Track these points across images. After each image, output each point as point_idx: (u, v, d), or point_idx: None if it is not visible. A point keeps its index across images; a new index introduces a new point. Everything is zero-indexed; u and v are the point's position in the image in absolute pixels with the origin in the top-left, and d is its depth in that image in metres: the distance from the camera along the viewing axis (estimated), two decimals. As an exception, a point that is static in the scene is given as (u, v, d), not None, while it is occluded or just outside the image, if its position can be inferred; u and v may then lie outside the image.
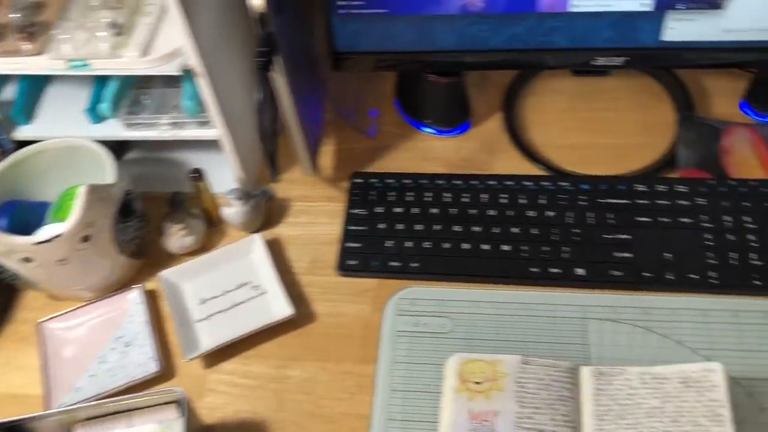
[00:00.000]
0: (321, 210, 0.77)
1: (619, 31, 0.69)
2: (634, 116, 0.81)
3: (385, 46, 0.73)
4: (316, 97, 0.76)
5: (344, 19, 0.71)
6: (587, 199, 0.72)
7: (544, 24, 0.70)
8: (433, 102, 0.81)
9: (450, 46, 0.73)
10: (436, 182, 0.75)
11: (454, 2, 0.69)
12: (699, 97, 0.81)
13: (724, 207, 0.70)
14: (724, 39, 0.69)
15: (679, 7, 0.67)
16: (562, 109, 0.83)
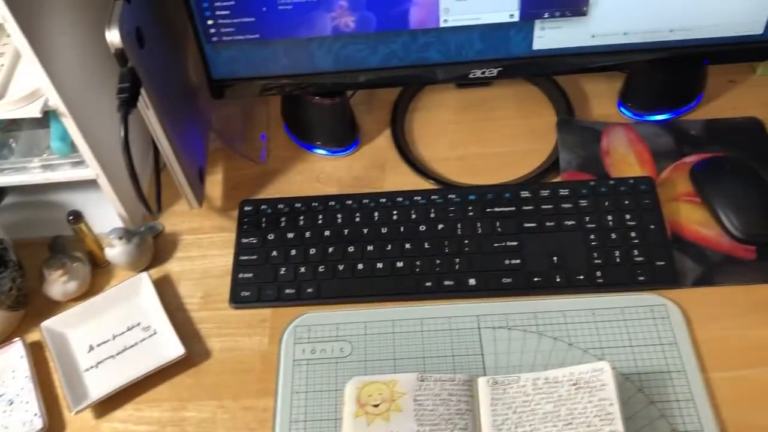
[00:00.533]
0: (212, 242, 0.75)
1: (491, 43, 0.71)
2: (518, 124, 0.82)
3: (262, 71, 0.72)
4: (196, 127, 0.74)
5: (217, 46, 0.70)
6: (476, 210, 0.73)
7: (417, 40, 0.70)
8: (320, 123, 0.80)
9: (328, 67, 0.72)
10: (328, 204, 0.75)
11: (325, 24, 0.68)
12: (579, 101, 0.83)
13: (605, 207, 0.72)
14: (592, 44, 0.71)
15: (545, 16, 0.69)
16: (449, 122, 0.84)
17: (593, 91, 0.84)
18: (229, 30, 0.69)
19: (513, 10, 0.68)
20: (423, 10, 0.68)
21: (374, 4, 0.67)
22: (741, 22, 0.70)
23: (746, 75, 0.84)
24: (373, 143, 0.82)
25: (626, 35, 0.70)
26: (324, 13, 0.68)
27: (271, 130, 0.85)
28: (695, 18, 0.69)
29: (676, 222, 0.72)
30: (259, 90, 0.74)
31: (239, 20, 0.68)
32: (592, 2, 0.67)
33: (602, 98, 0.83)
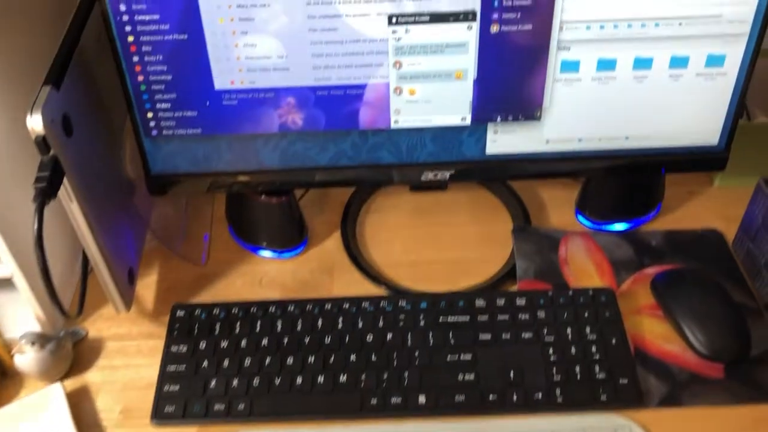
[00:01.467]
0: (139, 349, 0.68)
1: (443, 146, 0.69)
2: (474, 230, 0.79)
3: (204, 167, 0.69)
4: (128, 224, 0.69)
5: (157, 140, 0.67)
6: (427, 319, 0.68)
7: (368, 140, 0.68)
8: (265, 223, 0.76)
9: (275, 165, 0.69)
10: (268, 310, 0.69)
11: (271, 121, 0.66)
12: (536, 208, 0.81)
13: (564, 318, 0.67)
14: (546, 150, 0.70)
15: (498, 120, 0.67)
16: (402, 225, 0.80)
17: (550, 198, 0.82)
18: (170, 124, 0.66)
19: (465, 113, 0.66)
20: (374, 111, 0.66)
21: (323, 103, 0.65)
22: (696, 132, 0.69)
23: (705, 186, 0.83)
24: (322, 245, 0.78)
25: (581, 141, 0.69)
26: (270, 109, 0.65)
27: (215, 230, 0.80)
28: (650, 126, 0.68)
29: (638, 336, 0.68)
30: (200, 187, 0.70)
31: (181, 114, 0.65)
32: (545, 107, 0.66)
33: (559, 206, 0.81)
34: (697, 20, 0.62)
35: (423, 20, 0.61)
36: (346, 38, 0.61)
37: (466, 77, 0.64)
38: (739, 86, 0.66)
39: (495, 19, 0.61)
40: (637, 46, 0.63)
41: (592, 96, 0.66)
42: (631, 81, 0.65)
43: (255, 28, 0.61)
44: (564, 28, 0.62)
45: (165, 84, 0.63)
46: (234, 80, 0.63)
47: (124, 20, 0.60)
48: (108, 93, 0.66)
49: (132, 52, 0.62)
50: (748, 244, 0.73)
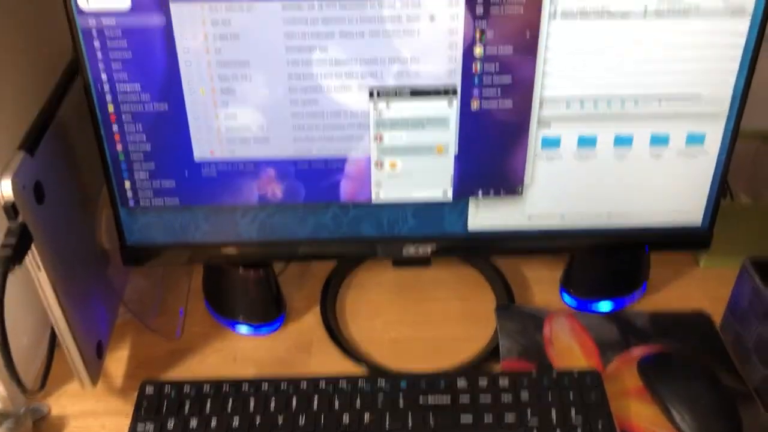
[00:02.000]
0: (103, 428, 0.65)
1: (425, 220, 0.68)
2: (456, 307, 0.77)
3: (182, 238, 0.67)
4: (100, 296, 0.67)
5: (134, 211, 0.66)
6: (407, 399, 0.65)
7: (348, 213, 0.67)
8: (242, 297, 0.74)
9: (253, 237, 0.68)
10: (241, 387, 0.66)
11: (251, 192, 0.65)
12: (519, 286, 0.79)
13: (549, 401, 0.65)
14: (528, 226, 0.69)
15: (479, 194, 0.66)
16: (384, 302, 0.78)
17: (534, 276, 0.81)
18: (148, 194, 0.65)
19: (446, 187, 0.66)
20: (354, 184, 0.65)
21: (303, 175, 0.64)
22: (679, 211, 0.69)
23: (691, 266, 0.82)
24: (301, 321, 0.76)
25: (563, 218, 0.68)
26: (250, 180, 0.64)
27: (192, 303, 0.78)
28: (633, 204, 0.68)
29: (626, 420, 0.65)
30: (175, 259, 0.69)
31: (159, 184, 0.64)
32: (526, 182, 0.66)
33: (543, 284, 0.80)
34: (676, 99, 0.62)
35: (404, 95, 0.61)
36: (328, 111, 0.62)
37: (447, 152, 0.64)
38: (720, 165, 0.66)
39: (475, 96, 0.61)
40: (617, 124, 0.63)
41: (574, 172, 0.66)
42: (612, 158, 0.65)
43: (236, 100, 0.61)
44: (544, 105, 0.62)
45: (144, 153, 0.63)
46: (214, 150, 0.63)
47: (105, 89, 0.60)
48: (85, 161, 0.65)
49: (111, 122, 0.61)
50: (736, 326, 0.71)
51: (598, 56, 0.60)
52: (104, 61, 0.58)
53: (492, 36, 0.59)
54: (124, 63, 0.59)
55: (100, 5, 0.56)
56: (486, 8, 0.58)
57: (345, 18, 0.58)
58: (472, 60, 0.60)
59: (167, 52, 0.58)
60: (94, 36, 0.57)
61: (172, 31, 0.58)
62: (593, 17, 0.59)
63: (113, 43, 0.58)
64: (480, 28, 0.58)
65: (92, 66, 0.59)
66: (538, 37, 0.59)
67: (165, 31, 0.57)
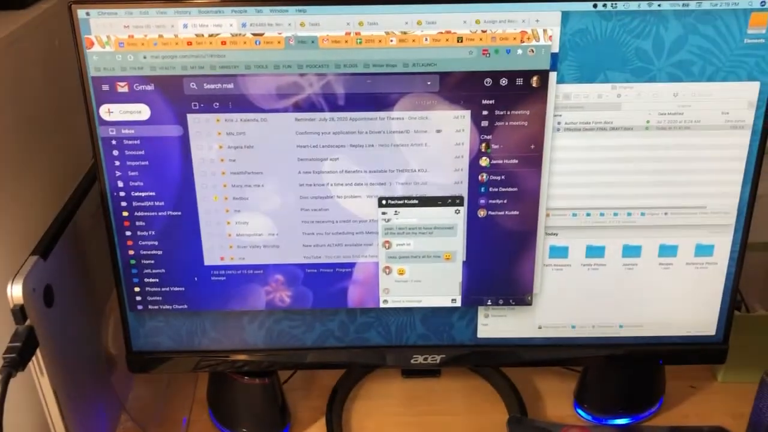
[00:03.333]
0: None
1: (433, 328, 0.67)
2: (467, 420, 0.75)
3: (188, 345, 0.67)
4: (102, 403, 0.66)
5: (142, 315, 0.66)
6: None
7: (356, 320, 0.67)
8: (246, 406, 0.72)
9: (259, 344, 0.67)
10: (241, 504, 0.64)
11: (259, 298, 0.65)
12: (532, 399, 0.77)
13: None
14: (539, 336, 0.68)
15: (489, 303, 0.66)
16: (392, 414, 0.76)
17: (547, 388, 0.79)
18: (157, 299, 0.65)
19: (455, 294, 0.65)
20: (362, 289, 0.65)
21: (312, 280, 0.65)
22: (691, 322, 0.68)
23: (708, 381, 0.80)
24: (306, 433, 0.74)
25: (574, 329, 0.67)
26: (258, 286, 0.65)
27: (195, 413, 0.76)
28: (644, 315, 0.67)
29: None
30: (180, 366, 0.68)
31: (168, 289, 0.65)
32: (535, 291, 0.65)
33: (557, 397, 0.77)
34: (681, 211, 0.63)
35: (412, 203, 0.62)
36: (337, 218, 0.63)
37: (455, 259, 0.64)
38: (731, 276, 0.65)
39: (482, 205, 0.62)
40: (624, 234, 0.64)
41: (583, 282, 0.65)
42: (621, 268, 0.65)
43: (248, 207, 0.62)
44: (551, 214, 0.63)
45: (155, 259, 0.64)
46: (224, 256, 0.64)
47: (120, 195, 0.61)
48: (96, 265, 0.66)
49: (125, 227, 0.62)
50: (759, 444, 0.68)
51: (603, 168, 0.62)
52: (121, 169, 0.60)
53: (497, 148, 0.60)
54: (141, 171, 0.60)
55: (121, 116, 0.59)
56: (491, 122, 0.59)
57: (355, 130, 0.60)
58: (478, 170, 0.61)
59: (183, 160, 0.60)
60: (114, 144, 0.60)
61: (189, 141, 0.60)
62: (597, 130, 0.60)
63: (131, 152, 0.60)
64: (485, 141, 0.60)
65: (110, 173, 0.60)
66: (542, 150, 0.60)
67: (181, 141, 0.60)
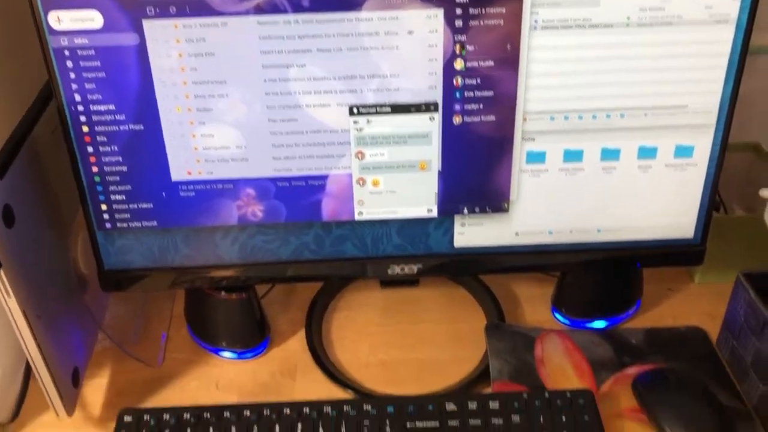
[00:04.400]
0: (79, 460, 0.63)
1: (410, 238, 0.66)
2: (445, 328, 0.75)
3: (161, 262, 0.66)
4: (75, 323, 0.65)
5: (111, 234, 0.64)
6: (393, 424, 0.63)
7: (331, 233, 0.65)
8: (225, 321, 0.72)
9: (234, 259, 0.66)
10: (222, 414, 0.64)
11: (230, 213, 0.63)
12: (510, 305, 0.77)
13: (540, 423, 0.62)
14: (516, 243, 0.67)
15: (465, 212, 0.65)
16: (371, 324, 0.76)
17: (525, 294, 0.79)
18: (125, 216, 0.63)
19: (431, 204, 0.64)
20: (336, 202, 0.64)
21: (284, 194, 0.63)
22: (670, 225, 0.67)
23: (685, 282, 0.80)
24: (285, 345, 0.74)
25: (551, 234, 0.67)
26: (229, 201, 0.63)
27: (174, 329, 0.76)
28: (622, 219, 0.66)
29: (621, 443, 0.63)
30: (154, 283, 0.67)
31: (136, 206, 0.63)
32: (512, 199, 0.64)
33: (534, 302, 0.78)
34: (662, 111, 0.61)
35: (384, 111, 0.60)
36: (307, 129, 0.60)
37: (431, 168, 0.63)
38: (710, 177, 0.65)
39: (457, 111, 0.60)
40: (603, 136, 0.62)
41: (561, 187, 0.64)
42: (600, 172, 0.64)
43: (213, 118, 0.59)
44: (527, 119, 0.61)
45: (120, 175, 0.61)
46: (191, 171, 0.62)
47: (79, 110, 0.58)
48: (60, 184, 0.64)
49: (86, 143, 0.60)
50: (732, 342, 0.69)
51: (582, 68, 0.59)
52: (77, 82, 0.57)
53: (472, 49, 0.58)
54: (98, 83, 0.57)
55: (72, 25, 0.55)
56: (465, 21, 0.56)
57: (322, 33, 0.56)
58: (453, 74, 0.58)
59: (141, 71, 0.57)
60: (67, 56, 0.56)
61: (146, 50, 0.56)
62: (575, 28, 0.58)
63: (86, 63, 0.57)
64: (460, 42, 0.57)
65: (65, 86, 0.57)
66: (519, 50, 0.58)
67: (138, 50, 0.56)
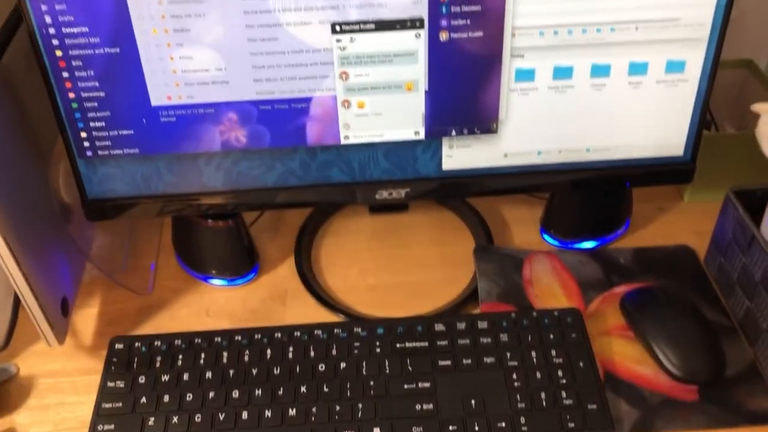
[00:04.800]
0: (73, 386, 0.63)
1: (397, 163, 0.65)
2: (434, 252, 0.75)
3: (145, 190, 0.65)
4: (61, 252, 0.65)
5: (92, 162, 0.63)
6: (384, 345, 0.63)
7: (317, 158, 0.64)
8: (213, 249, 0.72)
9: (218, 186, 0.65)
10: (214, 340, 0.64)
11: (213, 138, 0.62)
12: (499, 228, 0.77)
13: (528, 342, 0.63)
14: (505, 164, 0.66)
15: (453, 133, 0.64)
16: (360, 249, 0.76)
17: (513, 217, 0.79)
18: (106, 144, 0.62)
19: (418, 126, 0.63)
20: (321, 126, 0.63)
21: (267, 118, 0.62)
22: (660, 143, 0.66)
23: (674, 202, 0.80)
24: (275, 272, 0.74)
25: (540, 155, 0.66)
26: (211, 126, 0.62)
27: (163, 258, 0.76)
28: (612, 137, 0.65)
29: (608, 359, 0.64)
30: (139, 212, 0.66)
31: (116, 133, 0.61)
32: (501, 119, 0.63)
33: (523, 225, 0.78)
34: (654, 24, 0.59)
35: (368, 28, 0.58)
36: (288, 49, 0.58)
37: (417, 88, 0.61)
38: (702, 93, 0.63)
39: (444, 27, 0.58)
40: (593, 52, 0.60)
41: (550, 106, 0.63)
42: (590, 89, 0.62)
43: (191, 40, 0.57)
44: (516, 34, 0.59)
45: (98, 101, 0.60)
46: (171, 95, 0.60)
47: (50, 33, 0.56)
48: (38, 113, 0.62)
49: (61, 68, 0.58)
50: (720, 259, 0.70)
51: (572, -20, 0.57)
52: (47, 2, 0.55)
53: (458, -39, 0.55)
54: (69, 4, 0.55)
55: (37, -60, 0.53)
56: (451, -69, 0.54)
57: (301, -54, 0.54)
58: (438, -12, 0.56)
59: (113, -11, 0.55)
60: (34, -25, 0.54)
61: (117, -33, 0.54)
62: (565, -62, 0.55)
63: (55, -18, 0.54)
64: (445, -47, 0.55)
65: (34, 7, 0.55)
66: (507, -39, 0.56)
67: (109, -34, 0.54)
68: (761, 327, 0.63)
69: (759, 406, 0.60)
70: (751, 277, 0.64)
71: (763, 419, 0.59)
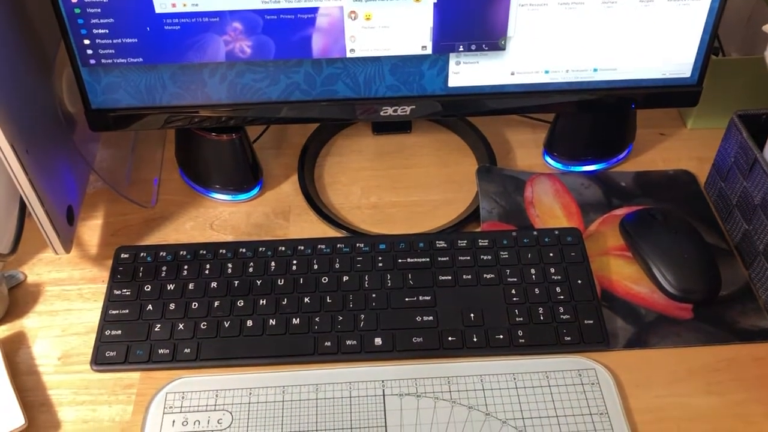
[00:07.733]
0: (80, 294, 0.64)
1: (403, 78, 0.65)
2: (437, 172, 0.76)
3: (149, 101, 0.64)
4: (66, 161, 0.65)
5: (95, 70, 0.62)
6: (385, 260, 0.65)
7: (322, 71, 0.64)
8: (216, 163, 0.72)
9: (223, 98, 0.65)
10: (218, 251, 0.65)
11: (217, 49, 0.61)
12: (502, 150, 0.77)
13: (528, 259, 0.64)
14: (511, 82, 0.66)
15: (460, 49, 0.63)
16: (363, 169, 0.76)
17: (517, 140, 0.79)
18: (109, 52, 0.61)
19: (425, 41, 0.62)
20: (327, 38, 0.62)
21: (272, 28, 0.61)
22: (667, 64, 0.66)
23: (677, 128, 0.80)
24: (278, 188, 0.74)
25: (547, 74, 0.65)
26: (216, 35, 0.61)
27: (166, 173, 0.76)
28: (620, 57, 0.65)
29: (606, 278, 0.65)
30: (142, 122, 0.66)
31: (120, 41, 0.61)
32: (509, 35, 0.62)
33: (527, 147, 0.78)
34: (669, -61, 0.58)
35: (377, -64, 0.57)
36: (295, -44, 0.57)
37: (426, 0, 0.60)
38: (713, 13, 0.62)
39: (455, -64, 0.57)
40: (606, -33, 0.60)
41: (559, 23, 0.62)
42: (600, 7, 0.61)
43: (196, -56, 0.56)
44: (528, -54, 0.58)
45: (101, 7, 0.59)
46: (175, 3, 0.59)
47: (51, -67, 0.55)
48: (39, 17, 0.61)
49: (63, -29, 0.57)
50: (720, 183, 0.70)
51: None
52: None
53: None
54: None
55: None
56: None
57: None
58: None
59: None
60: None
61: None
62: None
63: None
64: None
65: None
66: None
67: None
68: (758, 249, 0.64)
69: (751, 325, 0.62)
70: (751, 200, 0.65)
71: (753, 336, 0.61)
